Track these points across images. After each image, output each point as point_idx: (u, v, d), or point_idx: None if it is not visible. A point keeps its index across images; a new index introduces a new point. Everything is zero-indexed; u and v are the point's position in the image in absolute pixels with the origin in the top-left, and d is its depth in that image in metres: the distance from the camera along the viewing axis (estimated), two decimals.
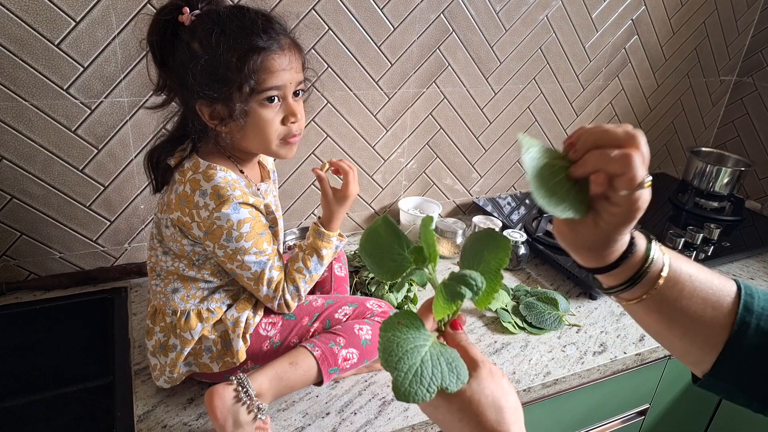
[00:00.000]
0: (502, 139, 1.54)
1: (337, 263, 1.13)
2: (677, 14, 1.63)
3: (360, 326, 0.88)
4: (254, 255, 0.80)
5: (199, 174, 0.78)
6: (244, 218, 0.78)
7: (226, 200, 0.76)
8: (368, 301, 0.94)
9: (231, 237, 0.78)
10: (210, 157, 0.81)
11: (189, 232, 0.80)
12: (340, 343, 0.84)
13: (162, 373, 0.85)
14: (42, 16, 0.94)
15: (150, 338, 0.86)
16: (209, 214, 0.77)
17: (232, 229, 0.77)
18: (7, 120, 0.99)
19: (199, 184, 0.77)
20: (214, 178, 0.77)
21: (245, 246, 0.79)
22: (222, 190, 0.77)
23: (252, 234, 0.79)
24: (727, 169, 1.64)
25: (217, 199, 0.76)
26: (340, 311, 0.91)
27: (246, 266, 0.80)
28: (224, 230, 0.77)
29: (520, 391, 0.94)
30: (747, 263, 1.42)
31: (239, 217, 0.77)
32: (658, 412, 1.27)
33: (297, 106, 0.80)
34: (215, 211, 0.76)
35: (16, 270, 1.11)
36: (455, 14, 1.30)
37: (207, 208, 0.77)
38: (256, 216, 0.80)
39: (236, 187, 0.78)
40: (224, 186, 0.77)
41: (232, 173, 0.80)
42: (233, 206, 0.77)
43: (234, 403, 0.74)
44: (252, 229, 0.79)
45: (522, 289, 1.20)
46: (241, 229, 0.78)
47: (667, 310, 0.51)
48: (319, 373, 0.82)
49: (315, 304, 0.92)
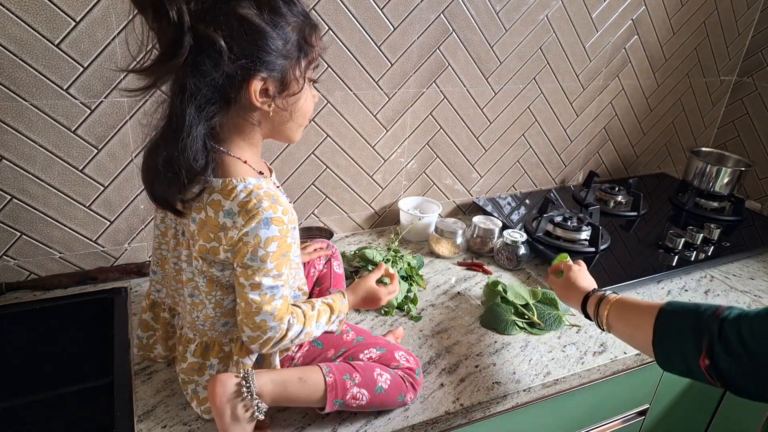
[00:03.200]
0: (502, 139, 1.54)
1: (336, 261, 1.14)
2: (677, 14, 1.63)
3: (381, 372, 0.84)
4: (272, 278, 0.74)
5: (216, 194, 0.72)
6: (273, 236, 0.72)
7: (255, 214, 0.71)
8: (397, 351, 0.89)
9: (256, 256, 0.72)
10: (220, 171, 0.74)
11: (216, 258, 0.74)
12: (355, 379, 0.81)
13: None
14: (42, 16, 0.94)
15: (202, 374, 0.83)
16: (238, 231, 0.71)
17: (258, 246, 0.71)
18: (7, 120, 0.99)
19: (220, 205, 0.72)
20: (236, 192, 0.72)
21: (267, 267, 0.73)
22: (249, 204, 0.71)
23: (276, 254, 0.73)
24: (727, 169, 1.64)
25: (245, 215, 0.71)
26: (366, 353, 0.88)
27: (258, 287, 0.74)
28: (250, 248, 0.71)
29: (520, 391, 0.94)
30: (747, 263, 1.42)
31: (268, 233, 0.72)
32: (658, 412, 1.26)
33: None
34: (244, 227, 0.71)
35: (16, 270, 1.11)
36: (455, 14, 1.30)
37: (235, 227, 0.71)
38: (284, 234, 0.74)
39: (262, 197, 0.72)
40: (250, 200, 0.71)
41: (250, 179, 0.74)
42: (264, 220, 0.71)
43: (235, 396, 0.74)
44: (278, 248, 0.73)
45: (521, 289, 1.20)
46: (267, 247, 0.72)
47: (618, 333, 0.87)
48: (323, 398, 0.79)
49: (345, 338, 0.90)
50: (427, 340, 1.05)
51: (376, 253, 1.20)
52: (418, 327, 1.09)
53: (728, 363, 0.65)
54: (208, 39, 0.65)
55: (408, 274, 1.20)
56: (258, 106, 0.72)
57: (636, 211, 1.59)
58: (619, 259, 1.33)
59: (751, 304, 1.24)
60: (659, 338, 0.75)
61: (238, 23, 0.66)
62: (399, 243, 1.35)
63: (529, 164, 1.64)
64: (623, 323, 0.84)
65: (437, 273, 1.29)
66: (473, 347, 1.04)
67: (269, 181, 0.78)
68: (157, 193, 0.74)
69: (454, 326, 1.10)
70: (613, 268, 1.29)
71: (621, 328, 0.84)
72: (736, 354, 0.64)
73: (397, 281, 0.97)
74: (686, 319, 0.72)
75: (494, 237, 1.36)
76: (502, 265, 1.32)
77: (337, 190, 1.37)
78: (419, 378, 0.89)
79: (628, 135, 1.78)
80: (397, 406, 0.87)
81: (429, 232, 1.40)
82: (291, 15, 0.71)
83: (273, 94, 0.72)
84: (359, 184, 1.39)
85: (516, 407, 0.97)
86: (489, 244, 1.36)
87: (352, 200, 1.41)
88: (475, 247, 1.38)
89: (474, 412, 0.91)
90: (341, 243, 1.39)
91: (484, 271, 1.30)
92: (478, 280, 1.27)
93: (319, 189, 1.35)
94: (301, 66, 0.74)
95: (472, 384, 0.94)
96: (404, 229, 1.39)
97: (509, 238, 1.29)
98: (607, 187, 1.66)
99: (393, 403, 0.86)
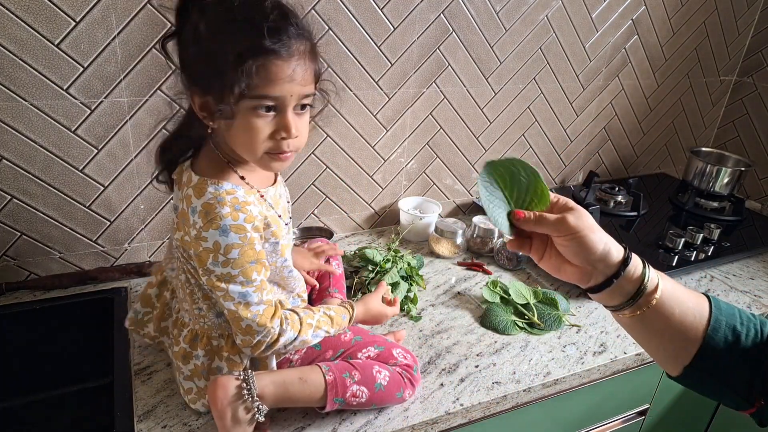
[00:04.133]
0: (502, 139, 1.54)
1: (335, 261, 1.14)
2: (677, 14, 1.63)
3: (380, 369, 0.85)
4: (240, 285, 0.73)
5: (190, 189, 0.73)
6: (232, 243, 0.71)
7: (213, 219, 0.70)
8: (395, 349, 0.90)
9: (217, 261, 0.71)
10: (204, 167, 0.75)
11: (189, 252, 0.75)
12: (354, 377, 0.81)
13: (200, 396, 0.83)
14: (42, 16, 0.94)
15: (187, 362, 0.82)
16: (197, 233, 0.71)
17: (218, 253, 0.71)
18: (7, 120, 0.99)
19: (191, 201, 0.72)
20: (204, 193, 0.72)
21: (232, 273, 0.72)
22: (210, 207, 0.70)
23: (240, 261, 0.72)
24: (727, 169, 1.64)
25: (204, 218, 0.70)
26: (365, 351, 0.88)
27: (229, 296, 0.73)
28: (210, 254, 0.71)
29: (520, 391, 0.94)
30: (747, 263, 1.42)
31: (227, 241, 0.70)
32: (658, 412, 1.27)
33: (296, 122, 0.71)
34: (202, 230, 0.70)
35: (16, 270, 1.11)
36: (455, 14, 1.30)
37: (195, 227, 0.71)
38: (247, 242, 0.72)
39: (225, 203, 0.70)
40: (212, 203, 0.70)
41: (226, 183, 0.73)
42: (221, 227, 0.70)
43: (236, 398, 0.74)
44: (241, 256, 0.72)
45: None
46: (228, 254, 0.71)
47: (656, 325, 0.60)
48: (323, 397, 0.80)
49: (343, 338, 0.90)
50: (427, 340, 1.05)
51: (376, 253, 1.20)
52: (418, 327, 1.09)
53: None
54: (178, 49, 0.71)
55: (408, 274, 1.20)
56: (200, 118, 0.72)
57: (636, 211, 1.59)
58: None
59: (750, 304, 1.24)
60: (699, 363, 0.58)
61: (193, 33, 0.67)
62: (399, 243, 1.35)
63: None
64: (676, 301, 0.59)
65: (437, 273, 1.29)
66: (473, 347, 1.04)
67: (253, 191, 0.76)
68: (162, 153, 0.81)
69: (454, 326, 1.10)
70: None
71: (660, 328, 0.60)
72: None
73: (398, 305, 1.01)
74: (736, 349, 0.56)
75: (494, 237, 1.36)
76: (502, 265, 1.32)
77: (337, 190, 1.37)
78: (417, 375, 0.89)
79: (628, 135, 1.78)
80: (396, 402, 0.87)
81: (429, 232, 1.40)
82: (240, 33, 0.65)
83: (212, 110, 0.69)
84: (359, 184, 1.39)
85: (516, 407, 0.98)
86: (489, 244, 1.36)
87: (352, 200, 1.41)
88: (475, 247, 1.38)
89: (474, 412, 0.91)
90: (341, 243, 1.39)
91: (484, 271, 1.30)
92: (478, 280, 1.27)
93: (319, 189, 1.35)
94: (234, 95, 0.65)
95: (472, 384, 0.94)
96: (404, 229, 1.39)
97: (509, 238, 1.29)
98: (607, 187, 1.66)
99: (392, 399, 0.86)
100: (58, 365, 1.11)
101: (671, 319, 0.58)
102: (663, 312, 0.59)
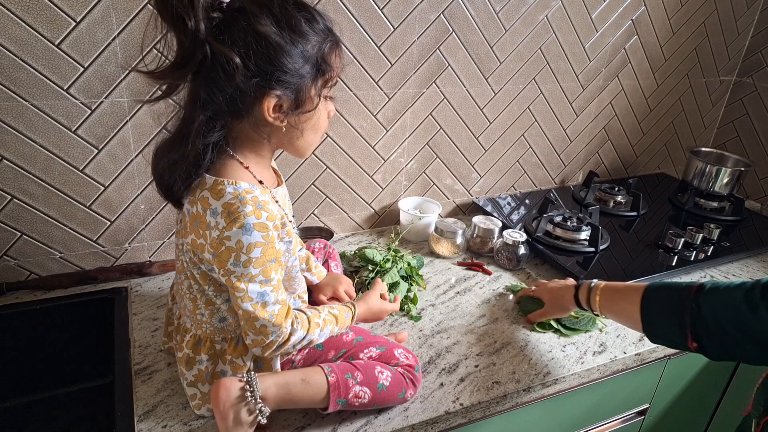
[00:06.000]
0: (502, 139, 1.54)
1: (333, 261, 1.14)
2: (677, 14, 1.63)
3: (382, 369, 0.85)
4: (259, 284, 0.73)
5: (206, 191, 0.73)
6: (255, 242, 0.71)
7: (237, 218, 0.70)
8: (396, 349, 0.91)
9: (239, 261, 0.71)
10: (218, 169, 0.75)
11: (201, 256, 0.75)
12: (356, 377, 0.82)
13: (204, 402, 0.83)
14: (42, 16, 0.94)
15: (190, 368, 0.83)
16: (219, 233, 0.71)
17: (240, 252, 0.71)
18: (7, 120, 0.99)
19: (208, 203, 0.72)
20: (224, 194, 0.71)
21: (252, 272, 0.72)
22: (232, 207, 0.70)
23: (261, 260, 0.72)
24: (727, 169, 1.64)
25: (227, 218, 0.70)
26: (366, 352, 0.89)
27: (248, 296, 0.73)
28: (232, 253, 0.71)
29: (519, 391, 0.94)
30: (747, 263, 1.42)
31: (251, 239, 0.71)
32: (658, 412, 1.27)
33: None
34: (225, 230, 0.70)
35: (17, 270, 1.11)
36: (455, 14, 1.30)
37: (217, 228, 0.71)
38: (269, 240, 0.73)
39: (248, 201, 0.71)
40: (234, 203, 0.71)
41: (243, 183, 0.73)
42: (245, 226, 0.70)
43: (239, 400, 0.74)
44: (263, 254, 0.72)
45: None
46: (250, 253, 0.71)
47: (614, 318, 0.94)
48: (326, 398, 0.80)
49: (345, 338, 0.90)
50: (427, 340, 1.05)
51: (376, 253, 1.20)
52: (418, 327, 1.09)
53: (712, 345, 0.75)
54: (224, 54, 0.65)
55: (408, 274, 1.20)
56: (270, 122, 0.72)
57: (636, 211, 1.59)
58: (619, 259, 1.34)
59: None
60: (647, 319, 0.83)
61: (255, 40, 0.66)
62: (399, 243, 1.35)
63: (529, 164, 1.65)
64: (614, 308, 0.91)
65: (437, 273, 1.29)
66: (473, 347, 1.04)
67: (267, 190, 0.78)
68: (162, 185, 0.77)
69: (454, 326, 1.10)
70: (613, 268, 1.30)
71: (614, 312, 0.92)
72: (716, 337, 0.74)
73: (399, 302, 1.05)
74: (669, 301, 0.80)
75: (494, 237, 1.36)
76: (502, 265, 1.33)
77: (337, 190, 1.37)
78: (418, 375, 0.90)
79: (628, 135, 1.78)
80: (397, 402, 0.87)
81: (429, 232, 1.40)
82: (312, 33, 0.71)
83: (287, 110, 0.73)
84: (359, 184, 1.40)
85: (516, 407, 0.98)
86: (489, 244, 1.36)
87: (352, 200, 1.41)
88: (475, 247, 1.38)
89: (474, 411, 0.91)
90: (341, 243, 1.39)
91: (484, 271, 1.30)
92: (478, 280, 1.27)
93: (319, 189, 1.35)
94: (318, 85, 0.74)
95: (472, 384, 0.94)
96: (404, 229, 1.40)
97: (509, 238, 1.29)
98: (607, 187, 1.66)
99: (394, 400, 0.86)
100: (58, 365, 1.11)
101: (616, 315, 0.92)
102: (608, 312, 0.93)
